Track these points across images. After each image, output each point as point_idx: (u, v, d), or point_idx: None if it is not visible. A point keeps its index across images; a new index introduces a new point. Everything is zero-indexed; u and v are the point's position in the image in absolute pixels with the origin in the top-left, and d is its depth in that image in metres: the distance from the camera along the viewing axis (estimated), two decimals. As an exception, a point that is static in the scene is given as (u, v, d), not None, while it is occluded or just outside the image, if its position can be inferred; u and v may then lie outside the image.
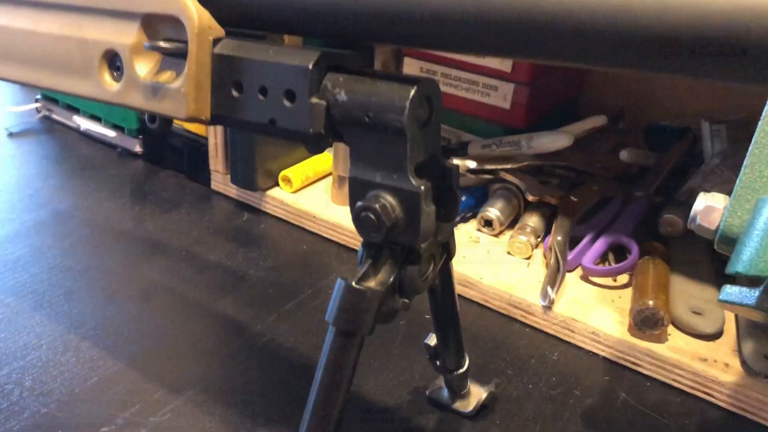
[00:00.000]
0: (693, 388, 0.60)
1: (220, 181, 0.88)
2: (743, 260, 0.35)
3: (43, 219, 0.80)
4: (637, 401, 0.59)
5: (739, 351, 0.61)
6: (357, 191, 0.36)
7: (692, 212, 0.42)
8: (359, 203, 0.35)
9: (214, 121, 0.39)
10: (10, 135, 1.01)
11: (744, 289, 0.40)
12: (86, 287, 0.69)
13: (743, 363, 0.60)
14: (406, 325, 0.66)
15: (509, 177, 0.78)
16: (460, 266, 0.71)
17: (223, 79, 0.38)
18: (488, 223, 0.77)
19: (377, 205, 0.35)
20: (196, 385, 0.57)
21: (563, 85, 0.93)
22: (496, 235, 0.77)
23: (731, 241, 0.39)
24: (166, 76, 0.38)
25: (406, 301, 0.38)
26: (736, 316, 0.65)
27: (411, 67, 0.88)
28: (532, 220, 0.75)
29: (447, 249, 0.42)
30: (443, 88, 0.85)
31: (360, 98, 0.34)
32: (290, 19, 0.36)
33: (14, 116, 1.06)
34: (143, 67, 0.40)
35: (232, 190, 0.87)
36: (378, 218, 0.35)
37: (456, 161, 0.79)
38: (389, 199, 0.35)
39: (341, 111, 0.35)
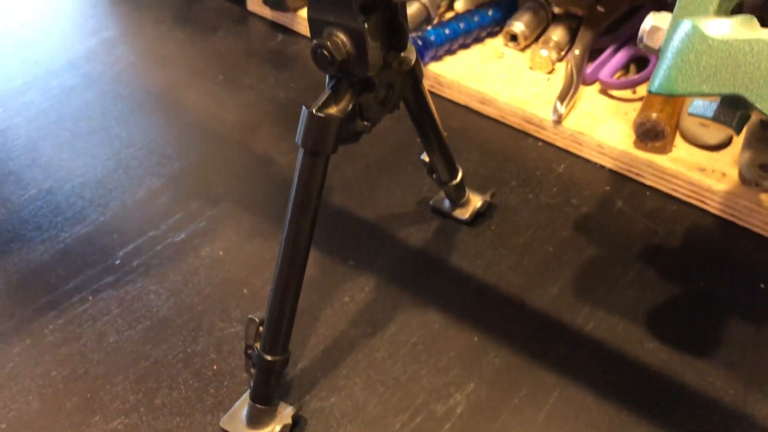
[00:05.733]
0: (689, 196, 0.68)
1: (256, 1, 0.95)
2: (654, 81, 0.42)
3: (93, 47, 0.92)
4: (632, 209, 0.68)
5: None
6: (314, 29, 0.44)
7: (640, 31, 0.48)
8: (315, 41, 0.44)
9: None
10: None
11: (706, 102, 0.47)
12: (134, 111, 0.81)
13: (740, 173, 0.66)
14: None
15: (536, -12, 0.82)
16: (479, 83, 0.79)
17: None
18: (514, 37, 0.82)
19: (329, 43, 0.43)
20: (228, 199, 0.70)
21: None
22: (522, 50, 0.83)
23: (668, 61, 0.45)
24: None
25: (367, 123, 0.47)
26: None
27: None
28: (557, 33, 0.80)
29: (413, 74, 0.50)
30: None
31: (306, -54, 0.41)
32: None
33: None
34: None
35: (268, 12, 0.95)
36: (330, 54, 0.43)
37: (481, -26, 0.83)
38: (341, 37, 0.43)
39: (294, -42, 0.42)
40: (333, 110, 0.46)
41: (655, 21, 0.47)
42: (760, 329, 0.58)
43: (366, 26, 0.42)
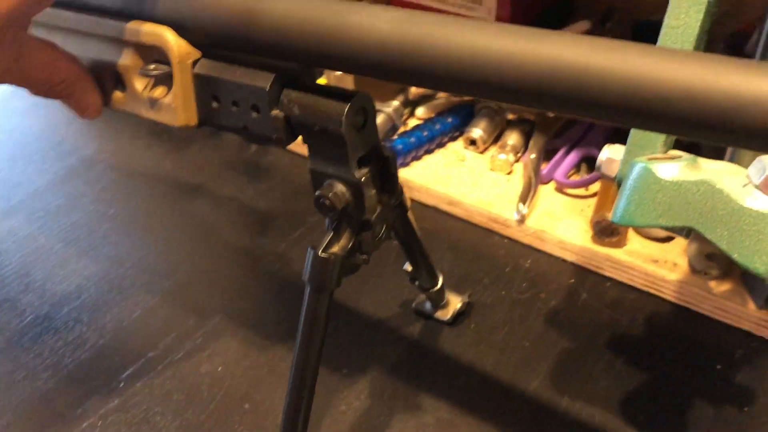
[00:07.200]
0: (645, 285, 0.74)
1: (227, 114, 1.01)
2: (616, 213, 0.48)
3: (74, 166, 0.96)
4: (596, 300, 0.74)
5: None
6: (316, 180, 0.50)
7: (597, 161, 0.55)
8: (318, 192, 0.49)
9: (201, 124, 0.52)
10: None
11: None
12: (119, 230, 0.85)
13: (689, 262, 0.73)
14: (397, 247, 0.80)
15: (490, 96, 0.89)
16: (446, 186, 0.85)
17: (203, 92, 0.50)
18: (473, 142, 0.89)
19: (330, 193, 0.48)
20: (221, 313, 0.74)
21: (549, -9, 1.01)
22: (482, 152, 0.90)
23: (625, 189, 0.52)
24: (159, 91, 0.51)
25: (365, 257, 0.52)
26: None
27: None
28: (512, 137, 0.87)
29: (400, 206, 0.55)
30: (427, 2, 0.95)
31: (308, 112, 0.47)
32: (245, 45, 0.48)
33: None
34: (141, 84, 0.52)
35: (239, 122, 1.00)
36: (332, 203, 0.48)
37: (440, 85, 0.90)
38: (340, 187, 0.48)
39: (296, 120, 0.48)
40: (336, 249, 0.51)
41: (610, 153, 0.54)
42: (720, 409, 0.64)
43: (362, 179, 0.48)
